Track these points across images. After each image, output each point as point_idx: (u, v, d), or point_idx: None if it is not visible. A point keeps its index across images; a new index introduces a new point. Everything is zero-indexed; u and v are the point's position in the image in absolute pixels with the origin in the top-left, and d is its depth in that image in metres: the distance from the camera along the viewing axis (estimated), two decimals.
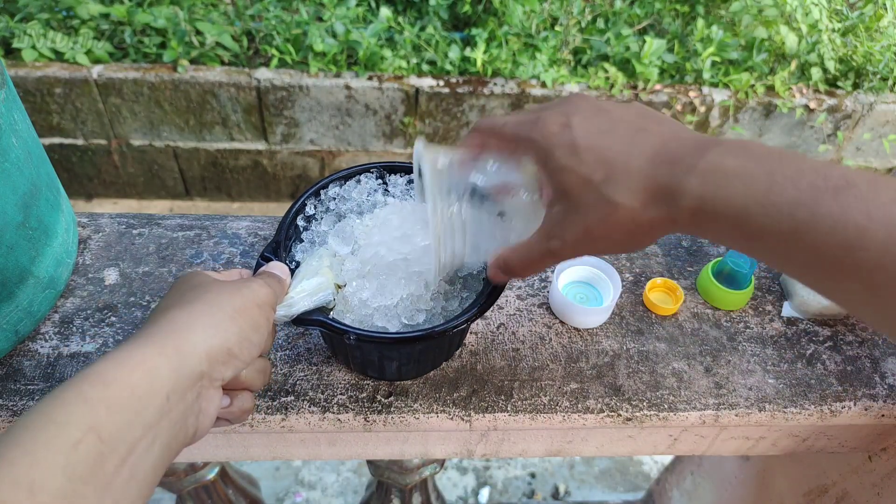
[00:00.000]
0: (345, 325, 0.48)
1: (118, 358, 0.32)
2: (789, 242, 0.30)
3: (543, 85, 2.25)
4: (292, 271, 0.50)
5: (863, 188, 0.29)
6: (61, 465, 0.26)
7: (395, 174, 0.60)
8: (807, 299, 0.69)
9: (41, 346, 0.61)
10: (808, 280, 0.32)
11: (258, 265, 0.49)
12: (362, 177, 0.60)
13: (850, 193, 0.29)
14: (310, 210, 0.58)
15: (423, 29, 2.34)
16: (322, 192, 0.58)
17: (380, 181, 0.60)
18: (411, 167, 0.59)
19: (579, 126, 0.36)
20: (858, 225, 0.28)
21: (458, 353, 0.63)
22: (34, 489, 0.25)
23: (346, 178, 0.59)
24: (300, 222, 0.57)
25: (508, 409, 0.59)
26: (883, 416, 0.63)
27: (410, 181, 0.60)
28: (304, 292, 0.48)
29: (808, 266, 0.31)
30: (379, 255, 0.53)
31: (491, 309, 0.67)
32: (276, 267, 0.48)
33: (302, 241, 0.57)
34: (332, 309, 0.53)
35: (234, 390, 0.42)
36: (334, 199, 0.59)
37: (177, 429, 0.34)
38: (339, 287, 0.53)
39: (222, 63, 2.21)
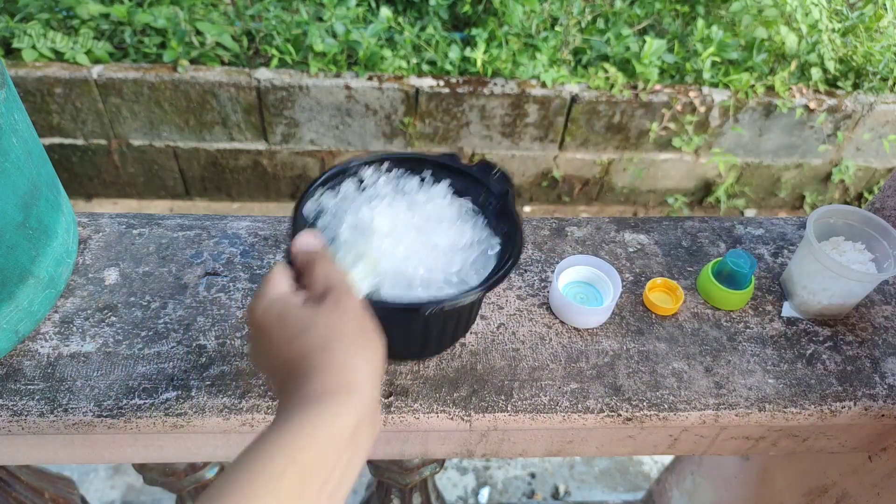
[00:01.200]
0: (419, 300, 0.49)
1: (308, 416, 0.35)
2: None
3: (543, 85, 2.25)
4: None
5: None
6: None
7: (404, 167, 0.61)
8: (807, 299, 0.69)
9: (41, 346, 0.61)
10: None
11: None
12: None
13: None
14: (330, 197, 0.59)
15: (423, 29, 2.34)
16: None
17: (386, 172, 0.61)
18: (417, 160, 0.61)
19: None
20: None
21: (458, 352, 0.63)
22: None
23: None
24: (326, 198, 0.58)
25: (508, 409, 0.59)
26: (883, 416, 0.63)
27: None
28: (360, 275, 0.48)
29: None
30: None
31: (491, 309, 0.67)
32: (310, 237, 0.46)
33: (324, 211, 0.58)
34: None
35: None
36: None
37: (364, 449, 0.38)
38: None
39: (222, 63, 2.21)
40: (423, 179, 0.60)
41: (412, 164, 0.61)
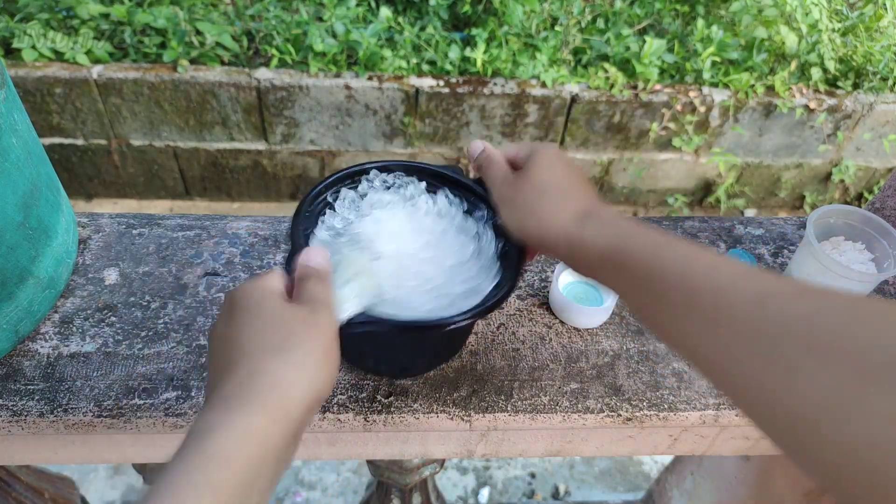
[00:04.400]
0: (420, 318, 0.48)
1: (234, 432, 0.34)
2: (645, 272, 0.40)
3: (543, 85, 2.25)
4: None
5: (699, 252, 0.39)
6: None
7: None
8: None
9: (41, 346, 0.61)
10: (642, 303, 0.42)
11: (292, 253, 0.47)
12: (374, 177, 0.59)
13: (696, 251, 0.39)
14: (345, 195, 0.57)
15: (423, 29, 2.34)
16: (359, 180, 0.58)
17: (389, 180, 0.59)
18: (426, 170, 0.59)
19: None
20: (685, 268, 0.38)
21: (458, 352, 0.63)
22: None
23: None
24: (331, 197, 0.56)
25: (508, 409, 0.59)
26: None
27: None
28: (353, 294, 0.46)
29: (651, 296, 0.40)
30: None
31: None
32: (318, 256, 0.46)
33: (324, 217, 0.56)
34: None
35: None
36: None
37: (285, 463, 0.38)
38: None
39: (222, 63, 2.21)
40: (428, 191, 0.58)
41: (416, 174, 0.59)
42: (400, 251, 0.53)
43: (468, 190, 0.58)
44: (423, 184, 0.59)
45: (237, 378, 0.36)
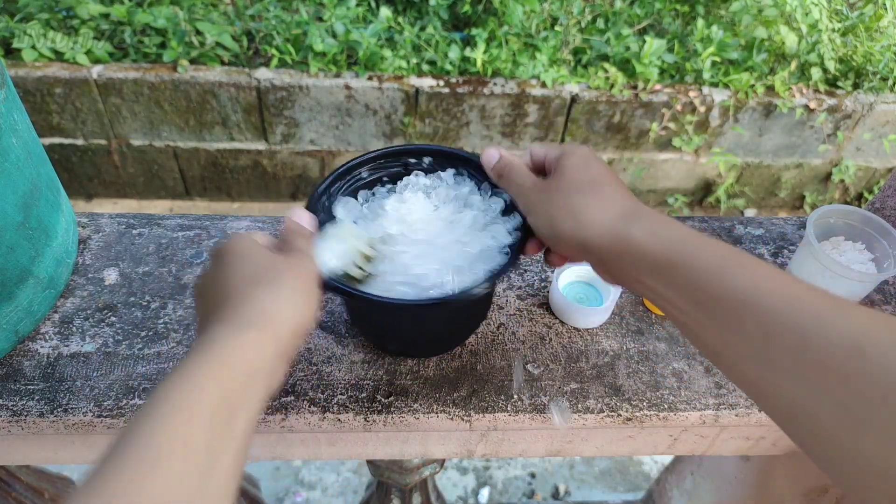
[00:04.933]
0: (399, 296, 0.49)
1: (232, 339, 0.37)
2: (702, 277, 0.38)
3: (543, 85, 2.25)
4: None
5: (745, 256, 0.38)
6: (206, 426, 0.33)
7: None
8: None
9: (41, 346, 0.61)
10: (679, 305, 0.40)
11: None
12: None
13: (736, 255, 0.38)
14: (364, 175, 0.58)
15: (423, 29, 2.34)
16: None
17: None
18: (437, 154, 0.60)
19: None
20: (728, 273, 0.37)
21: (458, 352, 0.63)
22: (188, 444, 0.32)
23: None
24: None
25: (508, 409, 0.59)
26: None
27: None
28: (331, 258, 0.49)
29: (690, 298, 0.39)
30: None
31: (491, 308, 0.67)
32: (303, 217, 0.49)
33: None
34: (362, 281, 0.52)
35: None
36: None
37: (270, 390, 0.40)
38: (368, 258, 0.52)
39: (222, 63, 2.21)
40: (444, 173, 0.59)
41: (453, 162, 0.59)
42: (410, 228, 0.55)
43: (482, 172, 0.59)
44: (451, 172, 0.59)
45: (229, 306, 0.40)
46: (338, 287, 0.48)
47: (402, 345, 0.62)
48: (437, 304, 0.48)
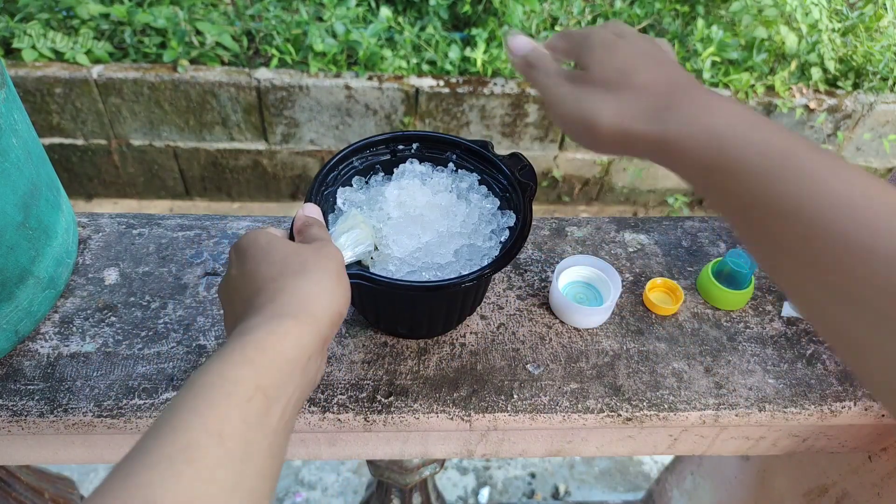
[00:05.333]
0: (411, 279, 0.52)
1: (270, 328, 0.37)
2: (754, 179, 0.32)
3: None
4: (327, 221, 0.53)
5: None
6: (240, 417, 0.32)
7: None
8: None
9: (41, 346, 0.61)
10: (736, 219, 0.34)
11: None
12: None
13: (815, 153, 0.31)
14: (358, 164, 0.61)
15: (423, 29, 2.34)
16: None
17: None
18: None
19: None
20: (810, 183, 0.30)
21: (458, 352, 0.63)
22: (223, 436, 0.31)
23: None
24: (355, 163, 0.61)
25: (508, 409, 0.59)
26: (883, 416, 0.63)
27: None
28: (347, 244, 0.50)
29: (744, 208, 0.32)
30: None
31: (491, 308, 0.67)
32: (314, 210, 0.50)
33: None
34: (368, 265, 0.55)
35: None
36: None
37: (310, 382, 0.40)
38: (376, 245, 0.55)
39: (222, 63, 2.21)
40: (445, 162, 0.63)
41: (442, 146, 0.63)
42: (408, 214, 0.57)
43: (491, 164, 0.62)
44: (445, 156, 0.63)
45: (262, 299, 0.39)
46: (361, 274, 0.50)
47: (411, 327, 0.63)
48: (463, 283, 0.50)
